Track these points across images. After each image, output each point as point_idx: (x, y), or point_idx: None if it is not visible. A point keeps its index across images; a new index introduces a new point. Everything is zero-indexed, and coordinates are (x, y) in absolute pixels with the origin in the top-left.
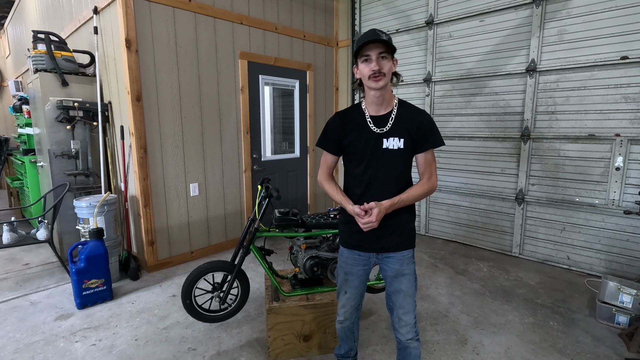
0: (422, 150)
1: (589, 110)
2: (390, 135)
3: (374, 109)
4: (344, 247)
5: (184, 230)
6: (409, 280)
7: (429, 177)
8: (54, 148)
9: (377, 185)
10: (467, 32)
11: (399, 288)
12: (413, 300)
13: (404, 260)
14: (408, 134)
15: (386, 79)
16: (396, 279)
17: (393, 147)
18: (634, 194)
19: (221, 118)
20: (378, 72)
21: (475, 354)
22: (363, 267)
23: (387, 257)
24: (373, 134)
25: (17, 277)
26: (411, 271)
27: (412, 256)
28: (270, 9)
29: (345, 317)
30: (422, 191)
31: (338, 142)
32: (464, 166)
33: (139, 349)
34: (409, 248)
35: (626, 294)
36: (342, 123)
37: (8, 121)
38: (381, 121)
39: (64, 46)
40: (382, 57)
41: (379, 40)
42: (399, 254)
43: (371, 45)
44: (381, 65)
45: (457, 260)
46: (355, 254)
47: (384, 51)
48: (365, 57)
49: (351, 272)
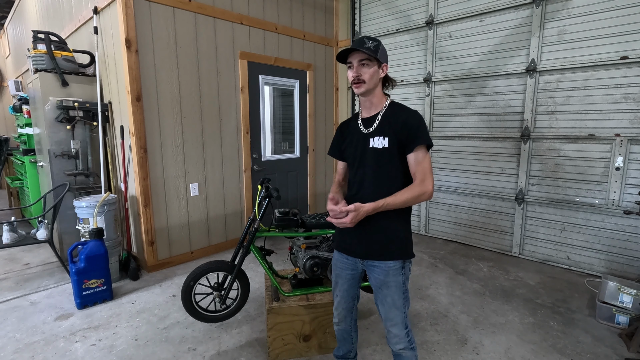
0: (410, 150)
1: (589, 110)
2: (376, 134)
3: (365, 112)
4: (336, 249)
5: (184, 230)
6: (394, 292)
7: (421, 180)
8: (54, 148)
9: (365, 187)
10: (467, 32)
11: (384, 300)
12: (402, 312)
13: (389, 271)
14: (393, 132)
15: (367, 85)
16: (380, 290)
17: (378, 146)
18: (634, 194)
19: (221, 118)
20: (357, 79)
21: (475, 354)
22: (351, 271)
23: (371, 265)
24: (362, 135)
25: (17, 277)
26: (398, 284)
27: (399, 268)
28: (270, 9)
29: (340, 319)
30: (411, 195)
31: (339, 148)
32: (464, 166)
33: (139, 349)
34: (396, 259)
35: (626, 294)
36: (342, 129)
37: (8, 121)
38: (369, 122)
39: (64, 46)
40: (363, 64)
41: (359, 49)
42: (383, 264)
43: (354, 53)
44: (360, 72)
45: (457, 260)
46: (344, 257)
47: (365, 58)
48: (349, 64)
49: (340, 275)
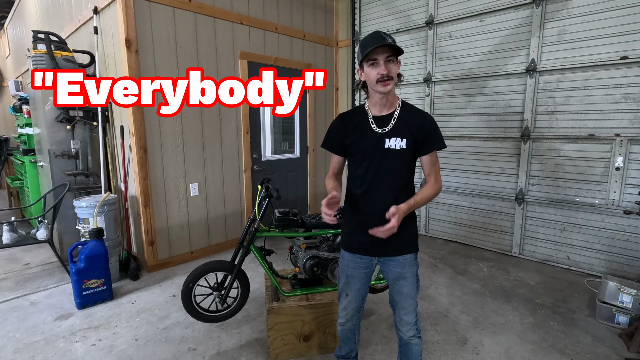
0: (425, 152)
1: (589, 110)
2: (393, 135)
3: (377, 110)
4: (346, 250)
5: (184, 230)
6: (410, 282)
7: (435, 179)
8: (54, 148)
9: (378, 186)
10: (467, 32)
11: (400, 290)
12: (414, 301)
13: (405, 263)
14: (410, 134)
15: (394, 82)
16: (397, 281)
17: (395, 147)
18: (634, 194)
19: (221, 118)
20: (387, 77)
21: (475, 354)
22: (365, 270)
23: (389, 260)
24: (375, 134)
25: (17, 277)
26: (412, 274)
27: (414, 259)
28: (270, 9)
29: (347, 320)
30: (429, 194)
31: (340, 142)
32: (464, 166)
33: (139, 349)
34: (411, 252)
35: (626, 294)
36: (344, 124)
37: (8, 121)
38: (383, 121)
39: (64, 46)
40: (390, 61)
41: (386, 44)
42: (400, 257)
43: (378, 49)
44: (389, 69)
45: (457, 260)
46: (357, 257)
47: (391, 55)
48: (372, 61)
49: (353, 275)
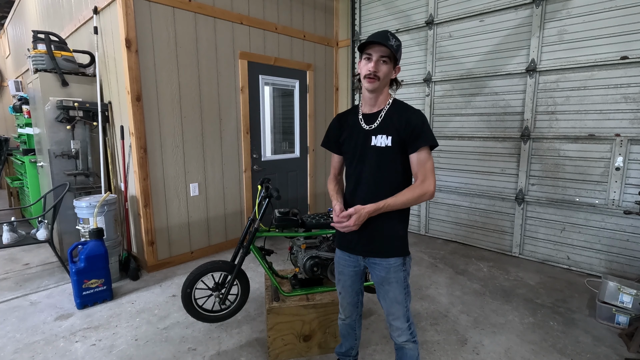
0: (413, 150)
1: (589, 110)
2: (379, 132)
3: (367, 108)
4: (337, 247)
5: (184, 230)
6: (395, 288)
7: (422, 181)
8: (54, 148)
9: (364, 184)
10: (467, 32)
11: (385, 295)
12: (403, 306)
13: (390, 268)
14: (396, 131)
15: (380, 83)
16: (382, 286)
17: (380, 144)
18: (634, 194)
19: (221, 118)
20: (373, 75)
21: (475, 354)
22: (353, 268)
23: (373, 262)
24: (363, 132)
25: (17, 277)
26: (399, 279)
27: (400, 264)
28: (270, 9)
29: (346, 315)
30: (412, 196)
31: (336, 140)
32: (464, 166)
33: (139, 349)
34: (397, 256)
35: (626, 294)
36: (340, 123)
37: (8, 121)
38: (371, 119)
39: (64, 46)
40: (383, 61)
41: (384, 44)
42: (384, 261)
43: (375, 46)
44: (378, 68)
45: (457, 260)
46: (346, 255)
47: (386, 55)
48: (367, 55)
49: (343, 272)
